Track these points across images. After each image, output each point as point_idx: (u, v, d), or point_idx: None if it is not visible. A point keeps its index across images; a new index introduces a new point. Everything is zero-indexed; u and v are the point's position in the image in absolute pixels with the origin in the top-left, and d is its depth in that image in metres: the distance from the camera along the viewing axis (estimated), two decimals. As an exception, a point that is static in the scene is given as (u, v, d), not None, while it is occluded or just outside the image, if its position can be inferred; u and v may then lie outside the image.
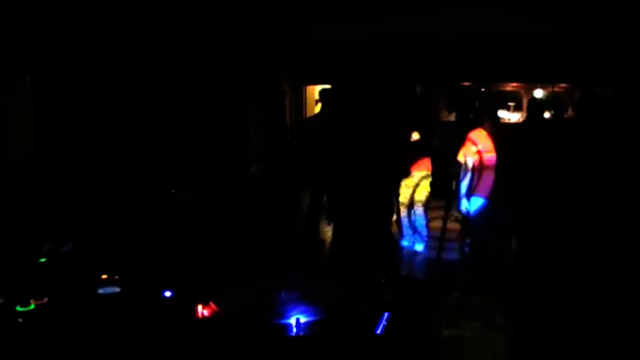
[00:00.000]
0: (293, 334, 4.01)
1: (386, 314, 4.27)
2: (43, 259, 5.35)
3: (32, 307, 4.50)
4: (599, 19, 9.07)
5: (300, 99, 13.01)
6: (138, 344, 4.11)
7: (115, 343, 4.12)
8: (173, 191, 8.84)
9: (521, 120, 12.69)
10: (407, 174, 8.80)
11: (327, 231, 9.61)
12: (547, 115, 9.88)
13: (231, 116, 10.67)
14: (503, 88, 13.46)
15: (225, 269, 5.55)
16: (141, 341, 4.12)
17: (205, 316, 4.28)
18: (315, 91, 13.11)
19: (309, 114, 13.06)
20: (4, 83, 8.63)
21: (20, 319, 4.40)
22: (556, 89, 13.17)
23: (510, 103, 13.45)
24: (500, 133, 7.42)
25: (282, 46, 10.79)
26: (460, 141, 7.41)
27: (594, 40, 9.55)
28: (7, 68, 8.61)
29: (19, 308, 4.47)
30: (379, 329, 4.16)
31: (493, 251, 7.24)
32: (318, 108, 12.89)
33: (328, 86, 10.06)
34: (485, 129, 7.29)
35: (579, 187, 7.22)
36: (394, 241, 7.65)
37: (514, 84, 13.71)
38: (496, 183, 7.05)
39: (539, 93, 13.75)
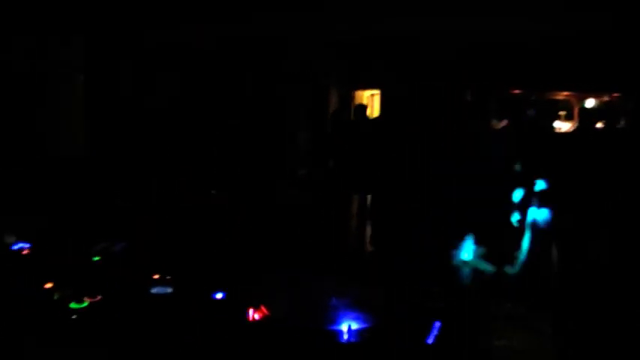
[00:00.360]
0: (344, 340, 4.00)
1: (437, 323, 4.24)
2: (97, 258, 5.43)
3: (86, 304, 4.57)
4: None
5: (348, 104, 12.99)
6: (188, 345, 4.14)
7: (165, 343, 4.16)
8: (214, 192, 8.87)
9: (571, 129, 12.50)
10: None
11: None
12: (599, 124, 9.71)
13: (279, 119, 10.71)
14: (554, 97, 13.26)
15: (272, 271, 5.56)
16: (191, 342, 4.15)
17: (256, 320, 4.30)
18: (363, 96, 13.08)
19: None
20: (60, 79, 8.76)
21: (74, 316, 4.47)
22: (608, 98, 12.94)
23: (561, 112, 13.26)
24: (553, 143, 7.31)
25: (326, 50, 10.79)
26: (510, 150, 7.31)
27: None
28: (63, 65, 8.75)
29: (73, 305, 4.55)
30: (430, 339, 4.12)
31: (546, 261, 7.13)
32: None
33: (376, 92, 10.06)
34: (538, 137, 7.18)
35: (628, 197, 7.08)
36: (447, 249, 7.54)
37: (565, 92, 13.50)
38: (552, 193, 6.94)
39: (590, 102, 13.52)
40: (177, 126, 9.35)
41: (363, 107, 10.30)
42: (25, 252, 5.55)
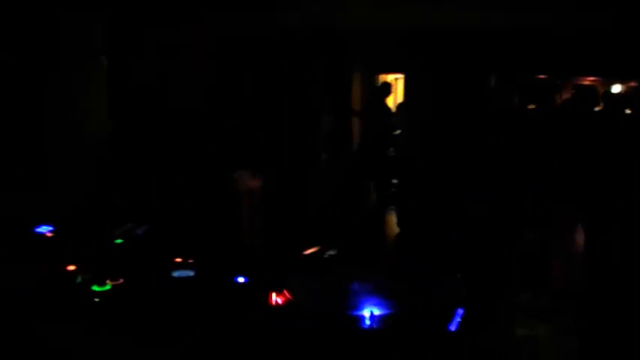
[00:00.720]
0: (366, 326, 3.98)
1: (460, 310, 4.19)
2: (119, 241, 5.44)
3: (108, 287, 4.58)
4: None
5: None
6: (210, 329, 4.14)
7: (187, 327, 4.16)
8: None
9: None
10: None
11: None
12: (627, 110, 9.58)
13: (301, 104, 10.66)
14: (579, 83, 13.11)
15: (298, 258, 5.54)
16: (213, 326, 4.15)
17: (279, 304, 4.29)
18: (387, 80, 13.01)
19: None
20: (82, 65, 8.75)
21: (97, 299, 4.49)
22: (635, 84, 12.77)
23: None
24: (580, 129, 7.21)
25: (351, 34, 10.73)
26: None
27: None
28: (86, 51, 8.74)
29: (95, 288, 4.56)
30: (453, 326, 4.09)
31: (566, 251, 7.05)
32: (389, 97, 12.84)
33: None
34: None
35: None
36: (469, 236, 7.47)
37: (590, 78, 13.34)
38: (572, 181, 6.85)
39: (616, 88, 13.34)
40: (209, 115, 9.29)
41: (387, 86, 10.26)
42: (48, 235, 5.58)
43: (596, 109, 11.88)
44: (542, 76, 11.67)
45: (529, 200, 7.20)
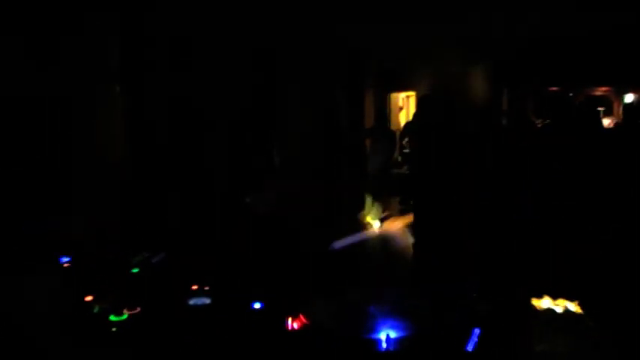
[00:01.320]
0: (383, 349, 3.97)
1: (477, 330, 4.18)
2: (136, 270, 5.47)
3: (125, 316, 4.61)
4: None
5: (383, 106, 12.93)
6: (228, 355, 4.14)
7: (205, 354, 4.17)
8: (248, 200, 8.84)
9: (612, 125, 12.30)
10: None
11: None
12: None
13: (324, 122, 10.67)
14: (593, 93, 13.07)
15: (311, 279, 5.54)
16: (231, 353, 4.15)
17: (295, 329, 4.29)
18: (399, 98, 13.05)
19: (392, 121, 13.00)
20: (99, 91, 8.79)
21: (114, 329, 4.51)
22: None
23: (600, 108, 13.04)
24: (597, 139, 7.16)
25: (365, 51, 10.76)
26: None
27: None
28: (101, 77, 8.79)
29: (112, 318, 4.59)
30: (470, 346, 4.07)
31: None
32: (402, 115, 12.86)
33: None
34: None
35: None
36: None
37: (604, 88, 13.29)
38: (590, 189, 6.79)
39: (629, 97, 13.29)
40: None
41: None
42: (65, 265, 5.62)
43: (608, 119, 11.86)
44: (554, 88, 11.66)
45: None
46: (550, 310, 5.56)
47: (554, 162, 6.90)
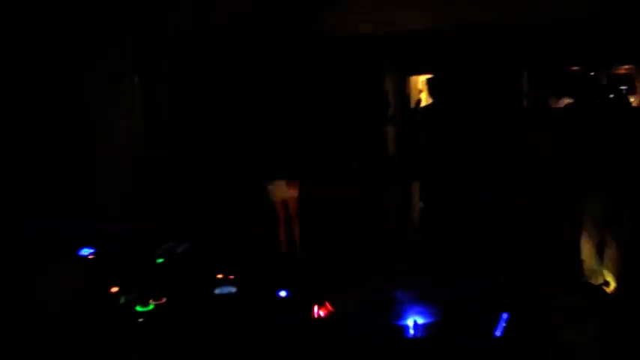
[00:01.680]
0: (410, 335, 3.95)
1: (505, 315, 4.14)
2: (161, 260, 5.47)
3: (151, 307, 4.62)
4: None
5: (403, 89, 12.82)
6: (254, 344, 4.14)
7: (232, 343, 4.17)
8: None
9: (636, 103, 12.14)
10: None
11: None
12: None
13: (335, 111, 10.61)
14: (615, 71, 12.89)
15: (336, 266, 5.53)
16: (257, 341, 4.15)
17: (321, 317, 4.28)
18: (419, 81, 12.92)
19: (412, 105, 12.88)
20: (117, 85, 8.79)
21: (140, 319, 4.52)
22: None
23: (622, 87, 12.83)
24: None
25: (382, 34, 10.66)
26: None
27: None
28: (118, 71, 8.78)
29: (139, 308, 4.60)
30: (498, 331, 4.04)
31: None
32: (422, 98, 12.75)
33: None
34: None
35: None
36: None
37: (626, 66, 13.11)
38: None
39: (652, 75, 13.08)
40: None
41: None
42: (90, 257, 5.63)
43: (631, 98, 11.69)
44: (575, 68, 11.51)
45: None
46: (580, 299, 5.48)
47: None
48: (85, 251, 5.69)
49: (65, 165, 7.53)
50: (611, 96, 6.96)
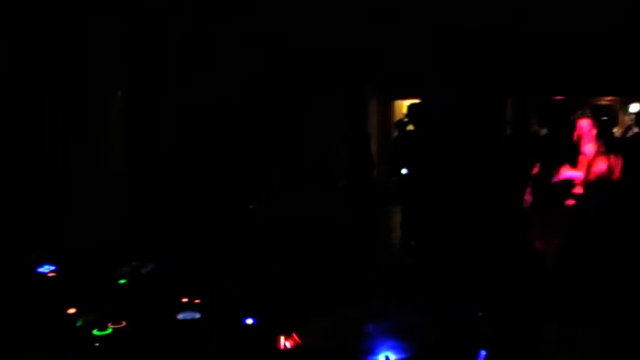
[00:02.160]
0: (382, 372, 3.73)
1: (482, 352, 3.93)
2: (123, 281, 5.23)
3: (109, 331, 4.36)
4: None
5: (388, 114, 12.78)
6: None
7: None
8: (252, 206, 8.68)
9: (618, 134, 12.12)
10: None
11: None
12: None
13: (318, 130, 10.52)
14: (597, 102, 12.88)
15: (306, 293, 5.31)
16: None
17: (287, 348, 4.05)
18: (403, 106, 12.86)
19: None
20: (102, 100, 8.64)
21: (97, 344, 4.26)
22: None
23: (604, 118, 12.81)
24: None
25: (369, 58, 10.60)
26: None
27: None
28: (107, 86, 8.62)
29: (96, 332, 4.34)
30: (477, 370, 3.83)
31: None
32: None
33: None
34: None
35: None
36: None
37: (608, 98, 13.13)
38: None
39: (635, 107, 13.10)
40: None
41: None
42: (50, 274, 5.38)
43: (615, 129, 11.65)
44: (558, 97, 11.47)
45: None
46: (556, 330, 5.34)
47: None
48: (46, 268, 5.43)
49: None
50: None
